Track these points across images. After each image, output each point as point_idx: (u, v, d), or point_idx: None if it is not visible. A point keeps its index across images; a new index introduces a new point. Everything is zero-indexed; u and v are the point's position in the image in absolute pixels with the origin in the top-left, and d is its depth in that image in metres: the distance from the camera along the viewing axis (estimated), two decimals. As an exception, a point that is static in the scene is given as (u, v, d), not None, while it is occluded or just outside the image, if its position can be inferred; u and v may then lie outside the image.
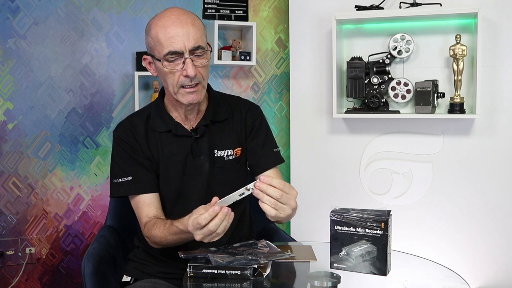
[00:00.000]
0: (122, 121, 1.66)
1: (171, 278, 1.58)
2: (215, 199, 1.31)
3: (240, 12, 2.94)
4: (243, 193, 1.29)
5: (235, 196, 1.30)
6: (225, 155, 1.62)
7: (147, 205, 1.56)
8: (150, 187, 1.58)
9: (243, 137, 1.67)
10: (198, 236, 1.29)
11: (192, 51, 1.47)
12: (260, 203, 1.29)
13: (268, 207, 1.29)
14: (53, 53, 2.72)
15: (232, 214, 1.29)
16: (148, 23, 1.55)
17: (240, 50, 2.87)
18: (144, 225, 1.55)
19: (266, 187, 1.28)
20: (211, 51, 1.55)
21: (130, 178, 1.57)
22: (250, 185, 1.29)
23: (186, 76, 1.48)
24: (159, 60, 1.49)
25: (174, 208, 1.60)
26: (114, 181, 1.60)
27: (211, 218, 1.27)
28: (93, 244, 1.69)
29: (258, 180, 1.29)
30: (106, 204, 2.75)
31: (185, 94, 1.51)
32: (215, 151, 1.61)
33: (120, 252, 1.77)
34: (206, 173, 1.59)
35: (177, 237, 1.45)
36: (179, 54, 1.47)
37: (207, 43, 1.54)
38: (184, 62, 1.47)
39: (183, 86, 1.50)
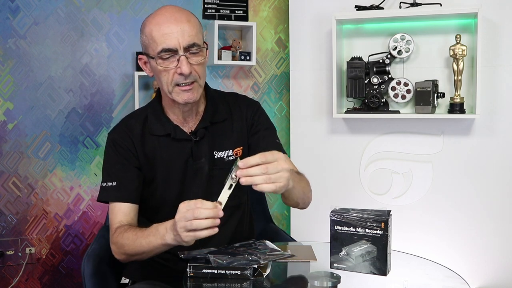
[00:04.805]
0: (118, 124, 1.61)
1: (169, 281, 1.56)
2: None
3: (240, 12, 2.94)
4: (231, 184, 1.26)
5: (226, 192, 1.26)
6: (225, 156, 1.59)
7: (123, 213, 1.51)
8: (132, 197, 1.53)
9: (245, 135, 1.63)
10: (180, 222, 1.24)
11: (186, 49, 1.43)
12: (253, 187, 1.24)
13: (264, 186, 1.23)
14: (53, 53, 2.72)
15: (217, 221, 1.24)
16: (143, 22, 1.51)
17: (240, 50, 2.87)
18: (115, 230, 1.48)
19: (246, 171, 1.22)
20: (207, 49, 1.51)
21: (114, 184, 1.52)
22: (232, 174, 1.25)
23: (181, 74, 1.43)
24: (153, 58, 1.45)
25: (173, 213, 1.58)
26: (101, 184, 1.56)
27: (207, 208, 1.24)
28: (93, 244, 1.68)
29: (238, 167, 1.24)
30: (106, 204, 2.74)
31: (180, 93, 1.47)
32: (215, 152, 1.58)
33: (120, 252, 1.77)
34: (205, 175, 1.56)
35: (148, 240, 1.38)
36: (173, 51, 1.43)
37: (204, 42, 1.50)
38: (178, 60, 1.43)
39: (178, 85, 1.46)
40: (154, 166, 1.56)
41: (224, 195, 1.27)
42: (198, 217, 1.23)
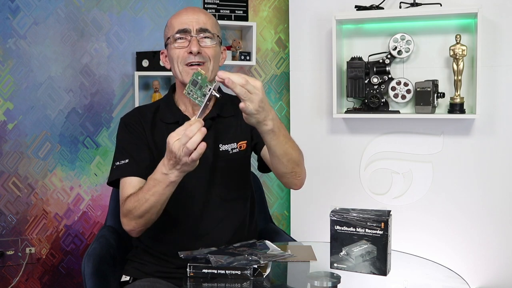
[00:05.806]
0: (130, 111, 1.71)
1: (170, 278, 1.58)
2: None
3: (240, 12, 2.94)
4: (209, 94, 1.33)
5: (204, 103, 1.33)
6: (229, 149, 1.64)
7: (133, 187, 1.53)
8: (142, 172, 1.56)
9: (249, 129, 1.67)
10: (174, 147, 1.29)
11: (199, 31, 1.56)
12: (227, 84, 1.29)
13: (238, 88, 1.29)
14: (53, 53, 2.72)
15: (204, 129, 1.28)
16: None
17: (240, 50, 2.87)
18: (123, 202, 1.51)
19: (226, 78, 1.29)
20: (221, 43, 1.63)
21: (127, 161, 1.57)
22: (208, 88, 1.33)
23: (190, 53, 1.54)
24: (169, 39, 1.58)
25: (175, 201, 1.59)
26: (113, 166, 1.59)
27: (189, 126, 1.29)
28: (93, 244, 1.68)
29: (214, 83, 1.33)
30: (106, 204, 2.75)
31: (189, 72, 1.55)
32: (220, 145, 1.63)
33: (120, 252, 1.77)
34: (209, 165, 1.60)
35: (152, 192, 1.41)
36: (187, 33, 1.56)
37: (219, 37, 1.61)
38: (190, 41, 1.56)
39: (187, 65, 1.55)
40: (162, 153, 1.59)
41: (204, 110, 1.34)
42: (191, 135, 1.27)
